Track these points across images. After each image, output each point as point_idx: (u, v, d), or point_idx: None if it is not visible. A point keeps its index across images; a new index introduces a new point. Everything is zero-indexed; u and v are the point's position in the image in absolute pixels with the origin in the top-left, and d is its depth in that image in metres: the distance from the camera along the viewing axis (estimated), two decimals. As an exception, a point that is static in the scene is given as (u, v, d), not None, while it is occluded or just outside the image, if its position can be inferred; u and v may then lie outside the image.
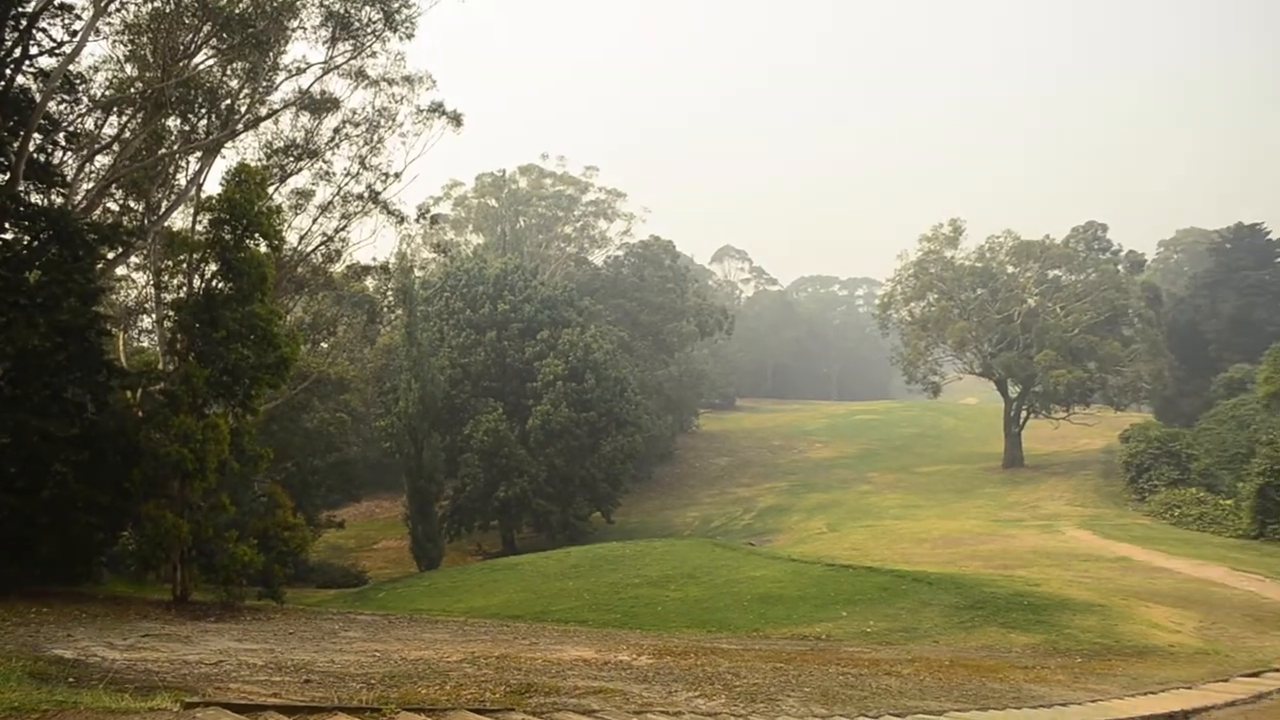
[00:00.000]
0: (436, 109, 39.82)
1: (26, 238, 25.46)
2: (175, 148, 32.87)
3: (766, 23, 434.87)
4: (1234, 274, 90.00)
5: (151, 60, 30.53)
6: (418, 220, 45.58)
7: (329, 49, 34.73)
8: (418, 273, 74.08)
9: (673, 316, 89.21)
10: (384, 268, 50.90)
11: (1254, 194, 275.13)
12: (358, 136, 39.32)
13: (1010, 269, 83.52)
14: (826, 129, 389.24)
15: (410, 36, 35.88)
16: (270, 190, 34.05)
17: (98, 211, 31.58)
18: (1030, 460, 78.83)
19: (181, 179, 35.11)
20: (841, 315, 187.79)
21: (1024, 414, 79.97)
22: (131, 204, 34.32)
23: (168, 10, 29.72)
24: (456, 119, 40.36)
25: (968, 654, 20.24)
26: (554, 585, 33.80)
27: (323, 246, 41.99)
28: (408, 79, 38.82)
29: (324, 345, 52.39)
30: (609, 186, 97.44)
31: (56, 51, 26.83)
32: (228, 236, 25.85)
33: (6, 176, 25.03)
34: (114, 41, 31.03)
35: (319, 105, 37.51)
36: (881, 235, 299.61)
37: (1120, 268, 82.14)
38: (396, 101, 39.15)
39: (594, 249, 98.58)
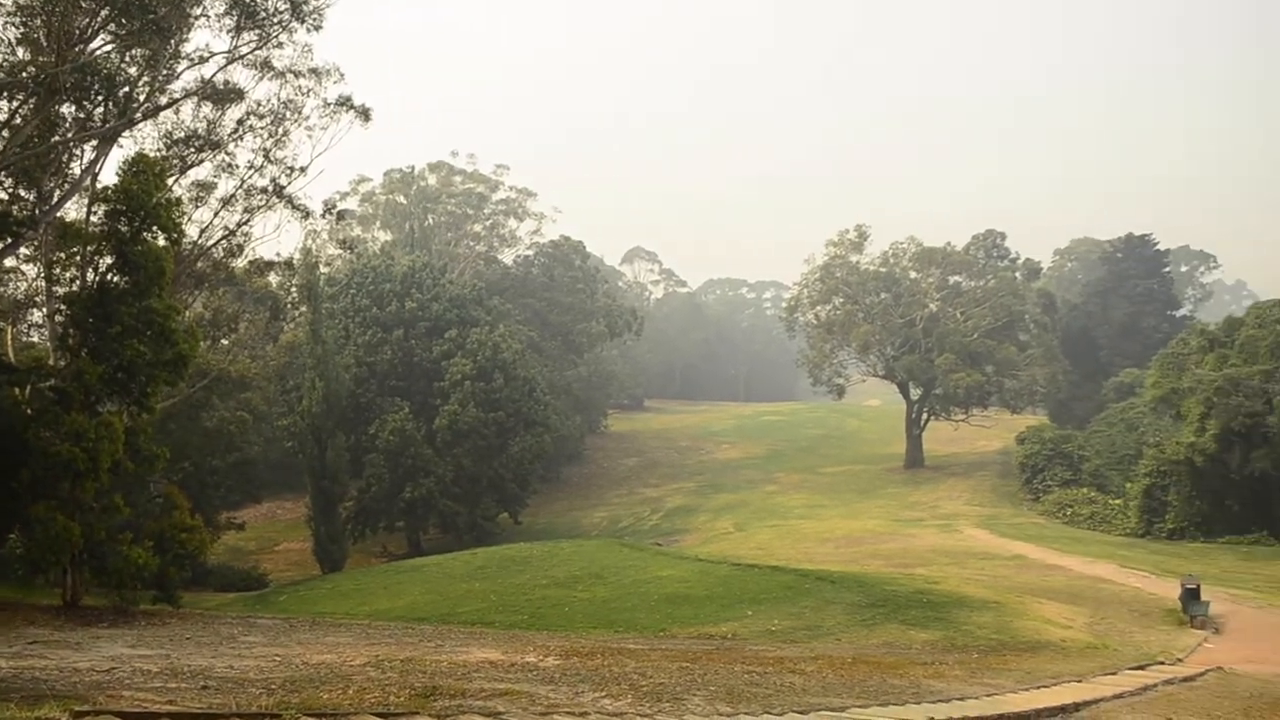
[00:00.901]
0: (344, 103, 39.04)
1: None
2: (70, 135, 31.64)
3: (701, 29, 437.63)
4: (1124, 282, 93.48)
5: (45, 44, 29.38)
6: (324, 215, 44.52)
7: (233, 38, 33.80)
8: (323, 269, 72.66)
9: (582, 317, 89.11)
10: (288, 263, 49.70)
11: (1142, 197, 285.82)
12: (262, 129, 38.30)
13: (913, 274, 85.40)
14: (749, 135, 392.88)
15: (318, 28, 35.12)
16: (170, 182, 33.04)
17: (-16, 200, 30.27)
18: (930, 461, 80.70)
19: (76, 168, 33.78)
20: (749, 318, 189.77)
21: (925, 416, 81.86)
22: (22, 193, 32.91)
23: (63, -8, 28.66)
24: (365, 113, 39.63)
25: (869, 651, 20.63)
26: (460, 587, 33.51)
27: (224, 241, 40.85)
28: (315, 71, 37.99)
29: (224, 342, 51.00)
30: (520, 185, 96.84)
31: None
32: (124, 229, 25.05)
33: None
34: (5, 23, 29.79)
35: (222, 96, 36.49)
36: (793, 239, 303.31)
37: (1018, 275, 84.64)
38: (303, 94, 38.24)
39: (504, 248, 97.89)
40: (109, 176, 32.17)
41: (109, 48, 30.81)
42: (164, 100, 34.41)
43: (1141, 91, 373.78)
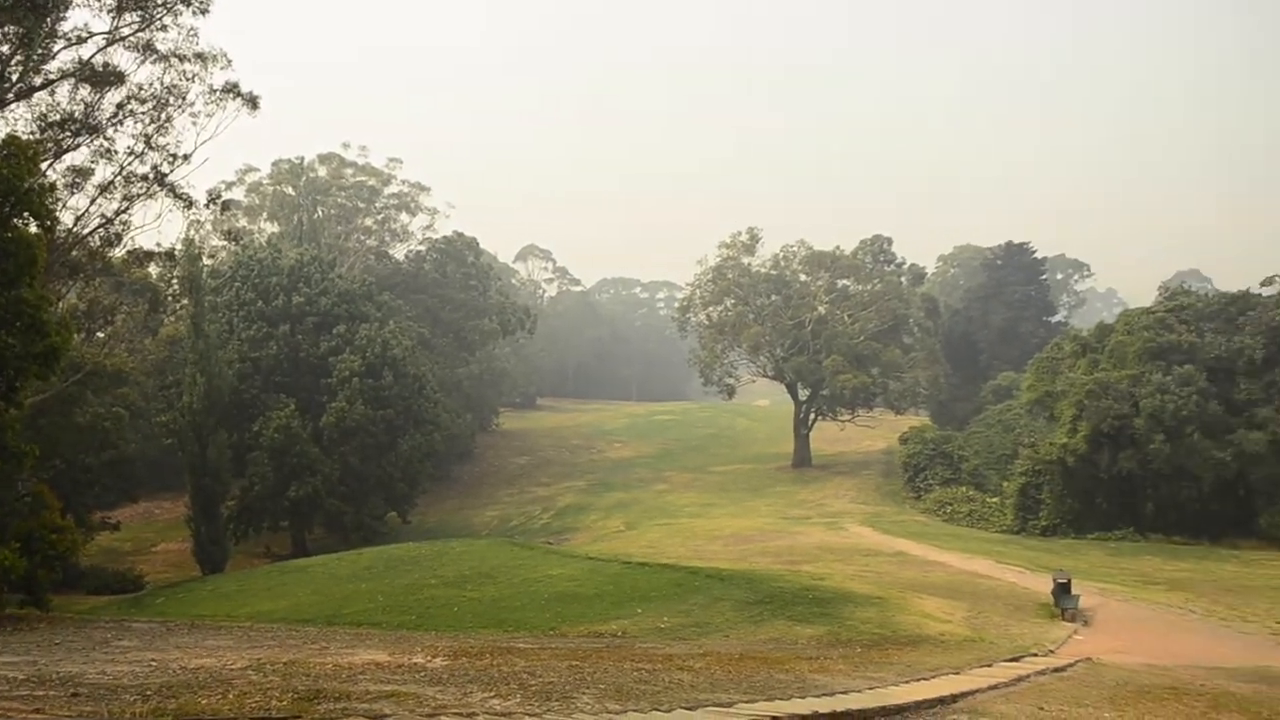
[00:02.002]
0: (231, 90, 37.99)
1: None
2: (-68, 116, 30.16)
3: (609, 23, 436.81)
4: (1004, 289, 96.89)
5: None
6: (208, 205, 43.25)
7: (115, 19, 32.67)
8: (207, 261, 70.40)
9: (475, 314, 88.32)
10: (169, 254, 48.01)
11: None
12: (144, 114, 36.95)
13: (803, 277, 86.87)
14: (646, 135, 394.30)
15: (204, 11, 34.22)
16: (43, 166, 31.67)
17: None
18: (818, 460, 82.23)
19: (-60, 150, 32.18)
20: (643, 317, 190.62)
21: (812, 416, 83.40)
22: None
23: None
24: (253, 101, 38.64)
25: (757, 647, 20.94)
26: (346, 587, 32.90)
27: (102, 229, 39.23)
28: (201, 56, 36.88)
29: (100, 335, 49.09)
30: (413, 180, 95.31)
31: None
32: (-8, 214, 23.90)
33: None
34: None
35: (101, 78, 35.10)
36: (688, 240, 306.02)
37: (903, 280, 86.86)
38: (188, 79, 37.07)
39: (395, 243, 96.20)
40: (-24, 160, 30.67)
41: (-23, 25, 29.47)
42: (38, 81, 33.04)
43: (1021, 110, 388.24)
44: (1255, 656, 21.60)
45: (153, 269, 50.70)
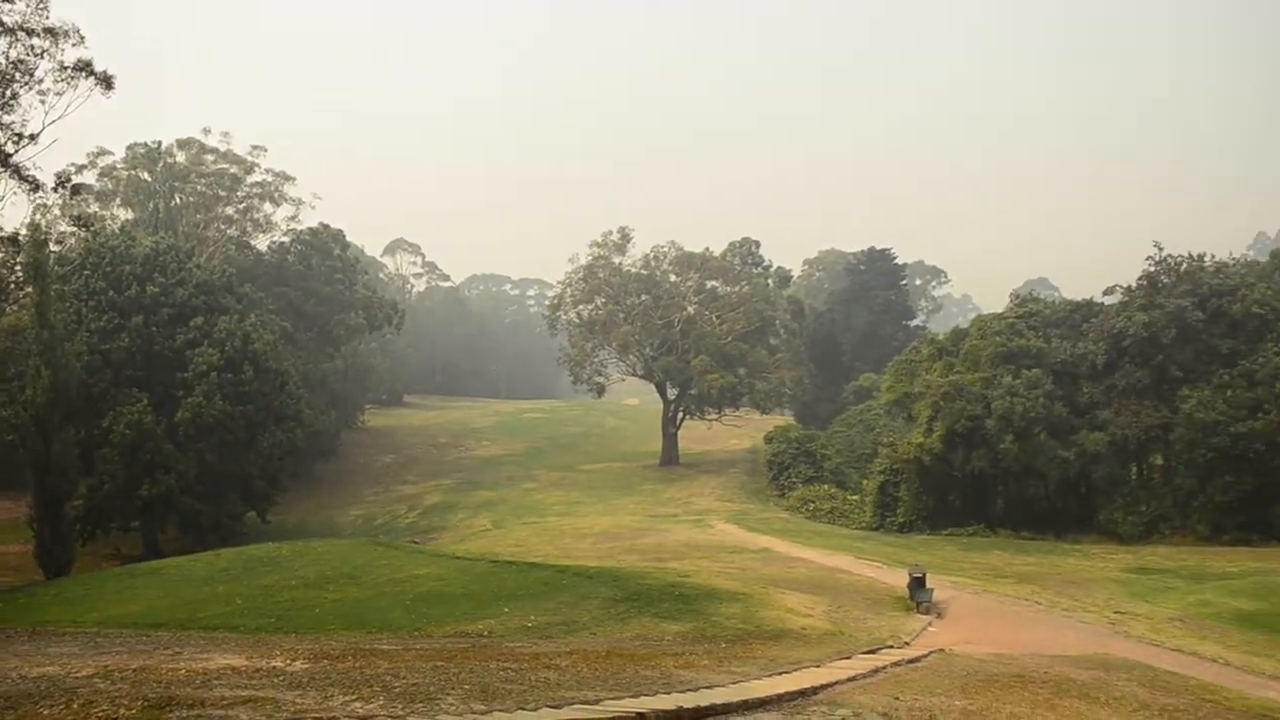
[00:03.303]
0: (84, 68, 36.27)
1: None
2: None
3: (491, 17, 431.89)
4: (866, 293, 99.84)
5: None
6: (56, 189, 41.15)
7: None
8: (54, 247, 66.66)
9: (340, 308, 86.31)
10: (13, 239, 45.48)
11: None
12: (-15, 91, 35.02)
13: (673, 277, 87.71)
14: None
15: (54, -16, 32.52)
16: None
17: None
18: (685, 459, 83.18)
19: None
20: (513, 314, 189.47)
21: (680, 415, 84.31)
22: None
23: None
24: (107, 81, 36.99)
25: (623, 644, 21.06)
26: (202, 590, 31.76)
27: (-63, 212, 37.03)
28: (51, 31, 35.09)
29: (-68, 324, 46.26)
30: (277, 169, 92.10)
31: None
32: None
33: None
34: None
35: (-64, 52, 33.11)
36: (559, 238, 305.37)
37: (770, 282, 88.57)
38: (36, 55, 35.24)
39: (258, 233, 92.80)
40: None
41: None
42: None
43: (884, 122, 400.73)
44: (1095, 645, 22.82)
45: (-7, 255, 48.02)
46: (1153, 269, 55.90)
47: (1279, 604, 29.89)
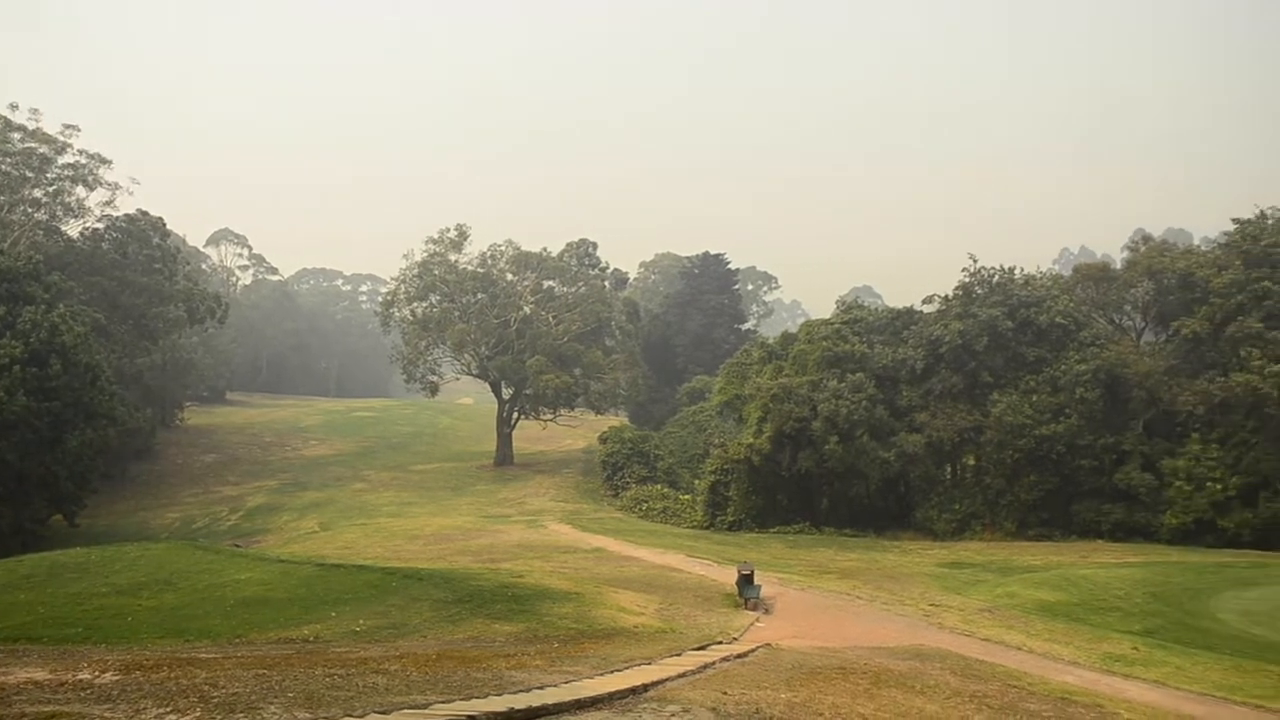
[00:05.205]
0: None
1: None
2: None
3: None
4: (700, 296, 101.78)
5: None
6: None
7: None
8: None
9: (159, 300, 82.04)
10: None
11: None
12: None
13: (510, 276, 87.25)
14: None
15: None
16: None
17: None
18: (520, 459, 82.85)
19: None
20: (344, 310, 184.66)
21: (515, 415, 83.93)
22: None
23: None
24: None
25: (455, 646, 20.81)
26: (2, 599, 29.68)
27: None
28: None
29: None
30: (92, 150, 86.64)
31: None
32: None
33: None
34: None
35: None
36: (392, 233, 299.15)
37: (607, 283, 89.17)
38: None
39: (70, 218, 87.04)
40: None
41: None
42: None
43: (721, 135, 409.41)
44: (911, 636, 23.88)
45: None
46: (968, 280, 58.89)
47: (1077, 595, 32.08)
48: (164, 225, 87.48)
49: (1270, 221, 53.33)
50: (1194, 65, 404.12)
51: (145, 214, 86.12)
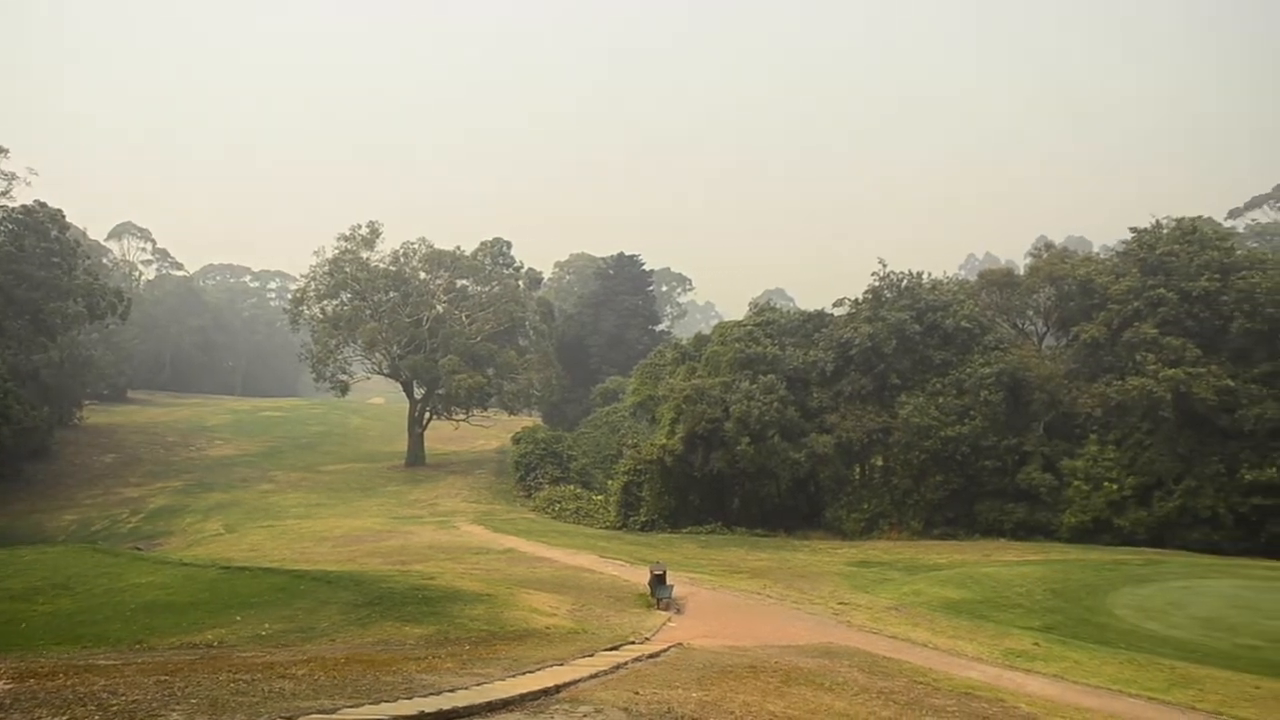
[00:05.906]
0: None
1: None
2: None
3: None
4: (614, 297, 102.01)
5: None
6: None
7: None
8: None
9: (57, 295, 79.36)
10: None
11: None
12: None
13: (423, 275, 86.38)
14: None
15: None
16: None
17: None
18: (432, 459, 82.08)
19: None
20: (252, 308, 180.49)
21: (427, 415, 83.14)
22: None
23: None
24: None
25: (364, 650, 20.57)
26: (-119, 606, 28.47)
27: None
28: None
29: None
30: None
31: None
32: None
33: None
34: None
35: None
36: (301, 229, 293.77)
37: (521, 283, 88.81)
38: None
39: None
40: None
41: None
42: None
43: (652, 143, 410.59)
44: (820, 634, 24.30)
45: None
46: (877, 284, 60.00)
47: (980, 592, 32.97)
48: (63, 218, 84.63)
49: (1165, 231, 55.43)
50: (1096, 72, 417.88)
51: (43, 205, 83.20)
